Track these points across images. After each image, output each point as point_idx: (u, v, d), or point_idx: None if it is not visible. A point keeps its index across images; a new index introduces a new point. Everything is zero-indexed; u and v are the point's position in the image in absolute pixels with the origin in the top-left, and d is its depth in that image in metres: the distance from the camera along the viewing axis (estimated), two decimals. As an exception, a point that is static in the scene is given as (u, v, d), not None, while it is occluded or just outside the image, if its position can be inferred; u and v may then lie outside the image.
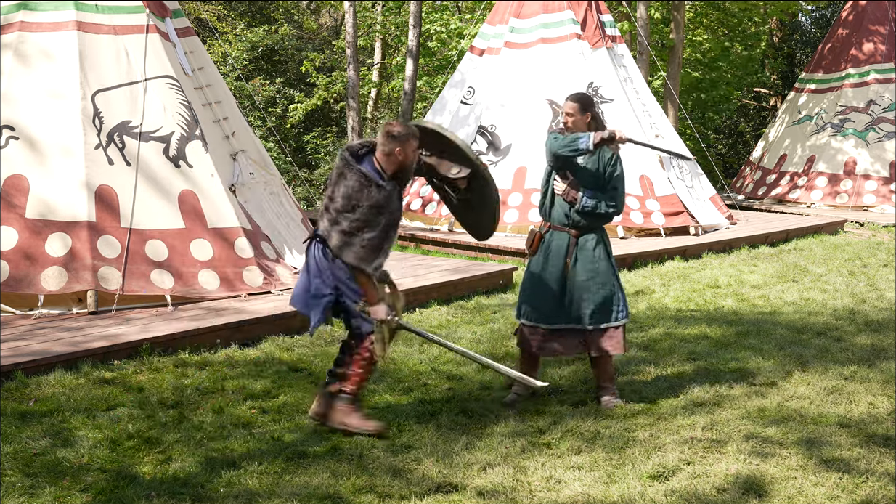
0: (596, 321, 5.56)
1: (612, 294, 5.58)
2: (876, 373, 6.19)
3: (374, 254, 4.89)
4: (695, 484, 4.37)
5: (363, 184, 4.84)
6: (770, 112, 26.56)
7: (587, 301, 5.55)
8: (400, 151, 4.95)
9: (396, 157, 4.95)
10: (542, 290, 5.60)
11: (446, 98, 14.26)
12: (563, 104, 5.65)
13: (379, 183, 4.88)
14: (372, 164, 4.96)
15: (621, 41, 13.98)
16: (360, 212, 4.83)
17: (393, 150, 4.94)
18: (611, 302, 5.58)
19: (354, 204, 4.84)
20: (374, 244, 4.87)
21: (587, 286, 5.55)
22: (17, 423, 5.16)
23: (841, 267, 10.52)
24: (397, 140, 4.93)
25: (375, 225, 4.86)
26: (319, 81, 22.34)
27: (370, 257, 4.87)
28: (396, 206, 5.00)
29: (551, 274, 5.58)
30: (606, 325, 5.58)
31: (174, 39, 8.90)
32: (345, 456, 4.74)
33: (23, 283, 7.43)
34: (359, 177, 4.84)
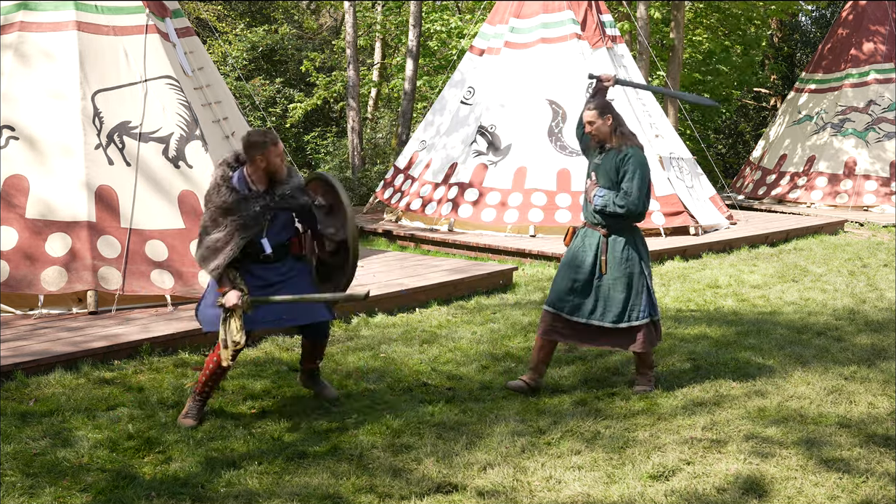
0: (614, 320, 5.70)
1: (634, 294, 5.70)
2: (876, 373, 6.19)
3: (215, 255, 4.97)
4: (695, 484, 4.37)
5: (218, 184, 5.02)
6: (770, 112, 26.57)
7: (610, 300, 5.70)
8: (261, 159, 5.04)
9: (259, 164, 5.05)
10: (569, 282, 5.75)
11: (446, 98, 14.27)
12: (583, 114, 5.78)
13: (233, 186, 5.01)
14: (242, 172, 5.10)
15: (621, 41, 13.99)
16: (208, 211, 5.01)
17: (254, 157, 5.04)
18: (632, 301, 5.70)
19: (206, 201, 5.03)
20: (215, 245, 4.97)
21: (611, 286, 5.69)
22: (17, 423, 5.16)
23: (841, 267, 10.53)
24: (257, 147, 5.03)
25: (220, 226, 4.97)
26: (319, 81, 22.34)
27: (211, 258, 4.98)
28: (252, 214, 5.02)
29: (580, 268, 5.73)
30: (626, 324, 5.71)
31: (174, 39, 8.90)
32: (345, 456, 4.74)
33: (23, 283, 7.43)
34: (215, 178, 5.04)
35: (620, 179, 5.60)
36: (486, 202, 12.43)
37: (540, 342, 5.86)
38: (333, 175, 5.12)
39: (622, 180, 5.59)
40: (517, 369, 6.35)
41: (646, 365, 5.87)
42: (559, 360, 6.60)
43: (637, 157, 5.62)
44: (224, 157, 5.15)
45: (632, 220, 5.69)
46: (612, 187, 5.63)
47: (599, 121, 5.68)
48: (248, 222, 5.03)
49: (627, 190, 5.56)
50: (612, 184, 5.64)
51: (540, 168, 12.35)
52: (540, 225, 12.11)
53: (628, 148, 5.65)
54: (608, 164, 5.65)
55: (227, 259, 4.98)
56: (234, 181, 5.05)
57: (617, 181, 5.62)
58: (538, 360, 5.84)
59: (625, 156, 5.61)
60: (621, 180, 5.60)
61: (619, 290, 5.68)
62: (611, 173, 5.64)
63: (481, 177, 12.67)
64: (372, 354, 6.72)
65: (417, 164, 13.84)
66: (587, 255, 5.72)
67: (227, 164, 5.11)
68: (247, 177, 5.10)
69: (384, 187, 14.32)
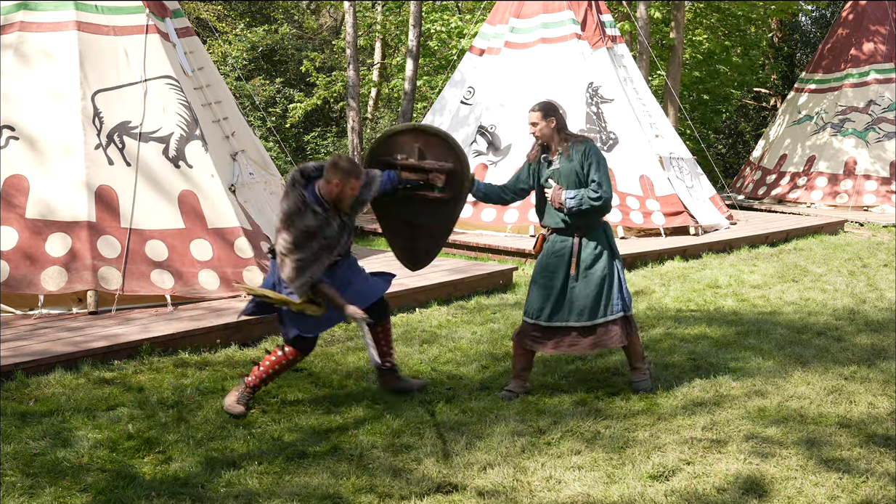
0: (589, 316, 5.65)
1: (605, 290, 5.65)
2: (876, 373, 6.19)
3: (303, 273, 5.09)
4: (695, 484, 4.37)
5: (300, 208, 5.10)
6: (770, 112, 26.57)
7: (582, 299, 5.65)
8: (338, 184, 5.16)
9: (333, 188, 5.17)
10: (545, 291, 5.69)
11: (446, 98, 14.27)
12: (528, 115, 5.73)
13: (315, 209, 5.12)
14: (314, 189, 5.19)
15: (621, 41, 13.99)
16: (291, 234, 5.09)
17: (331, 179, 5.16)
18: (603, 297, 5.65)
19: (289, 225, 5.10)
20: (302, 265, 5.09)
21: (583, 285, 5.65)
22: (17, 423, 5.16)
23: (841, 267, 10.52)
24: (340, 172, 5.15)
25: (307, 248, 5.10)
26: (319, 81, 22.35)
27: (299, 276, 5.10)
28: (333, 233, 5.21)
29: (554, 276, 5.68)
30: (602, 319, 5.66)
31: (174, 39, 8.90)
32: (345, 456, 4.74)
33: (23, 283, 7.43)
34: (298, 199, 5.10)
35: (587, 173, 5.58)
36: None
37: (518, 350, 5.82)
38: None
39: (589, 173, 5.58)
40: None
41: (637, 357, 5.86)
42: (559, 360, 6.60)
43: (595, 148, 5.65)
44: (291, 175, 5.20)
45: (603, 212, 5.65)
46: (580, 185, 5.60)
47: (543, 122, 5.66)
48: (332, 242, 5.23)
49: (599, 181, 5.55)
50: (580, 183, 5.60)
51: (540, 168, 12.35)
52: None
53: (583, 143, 5.65)
54: (569, 166, 5.61)
55: (317, 277, 5.14)
56: (311, 200, 5.14)
57: (584, 177, 5.59)
58: (520, 367, 5.81)
59: (585, 150, 5.61)
60: (588, 174, 5.58)
61: (593, 287, 5.64)
62: (577, 172, 5.60)
63: (481, 177, 12.65)
64: (372, 354, 6.71)
65: (417, 164, 13.83)
66: (560, 261, 5.68)
67: (297, 182, 5.18)
68: (318, 193, 5.20)
69: (384, 187, 14.30)
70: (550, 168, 5.69)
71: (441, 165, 5.59)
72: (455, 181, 5.64)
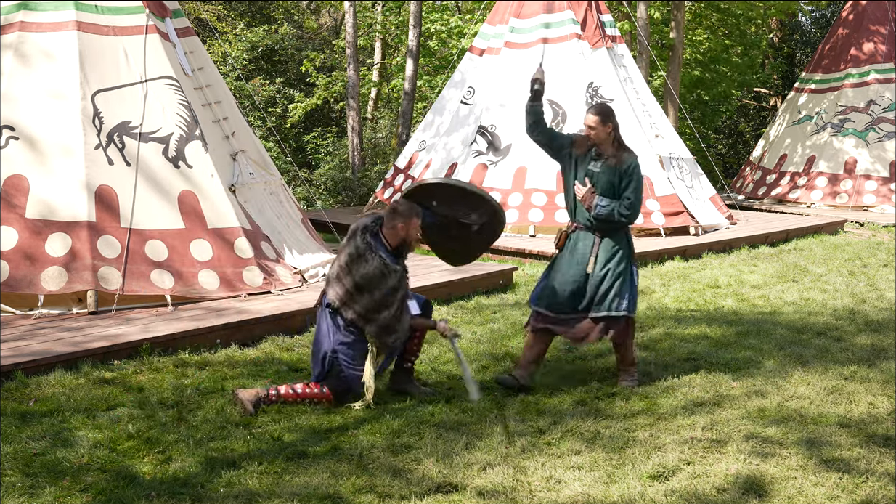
0: (597, 310, 5.84)
1: (618, 286, 5.83)
2: (876, 373, 6.19)
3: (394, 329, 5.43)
4: (695, 484, 4.37)
5: (384, 272, 5.36)
6: (770, 112, 26.57)
7: (598, 292, 5.83)
8: (402, 228, 5.49)
9: (399, 232, 5.49)
10: (563, 285, 5.88)
11: (446, 98, 14.27)
12: (585, 117, 5.86)
13: (395, 268, 5.41)
14: (382, 243, 5.48)
15: (621, 41, 13.99)
16: (378, 294, 5.36)
17: (396, 225, 5.48)
18: (613, 292, 5.82)
19: (374, 288, 5.35)
20: (392, 322, 5.41)
21: (598, 279, 5.83)
22: (17, 423, 5.16)
23: (841, 267, 10.52)
24: (401, 217, 5.48)
25: (392, 304, 5.40)
26: (319, 81, 22.34)
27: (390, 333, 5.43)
28: (406, 282, 5.53)
29: (574, 271, 5.86)
30: (616, 312, 5.83)
31: (174, 39, 8.90)
32: (345, 456, 4.74)
33: (23, 283, 7.43)
34: (381, 265, 5.35)
35: (623, 188, 5.75)
36: (486, 202, 12.40)
37: (532, 339, 5.98)
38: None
39: (625, 189, 5.75)
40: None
41: (627, 361, 6.00)
42: (559, 360, 6.60)
43: (638, 168, 5.82)
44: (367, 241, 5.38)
45: (627, 225, 5.89)
46: (612, 195, 5.77)
47: (601, 127, 5.78)
48: (407, 291, 5.55)
49: (633, 200, 5.75)
50: (614, 191, 5.77)
51: (540, 168, 12.34)
52: (540, 225, 12.10)
53: (630, 159, 5.82)
54: (609, 174, 5.77)
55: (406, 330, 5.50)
56: (389, 260, 5.40)
57: (619, 190, 5.76)
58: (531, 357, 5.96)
59: (629, 167, 5.77)
60: (624, 189, 5.75)
61: (608, 282, 5.81)
62: (613, 182, 5.76)
63: (481, 177, 12.66)
64: (372, 354, 6.71)
65: (417, 164, 13.84)
66: (581, 257, 5.85)
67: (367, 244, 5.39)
68: (385, 241, 5.50)
69: (384, 187, 14.32)
70: (590, 167, 5.83)
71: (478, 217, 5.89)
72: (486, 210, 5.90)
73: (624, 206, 5.73)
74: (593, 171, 5.81)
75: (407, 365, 5.84)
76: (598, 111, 5.82)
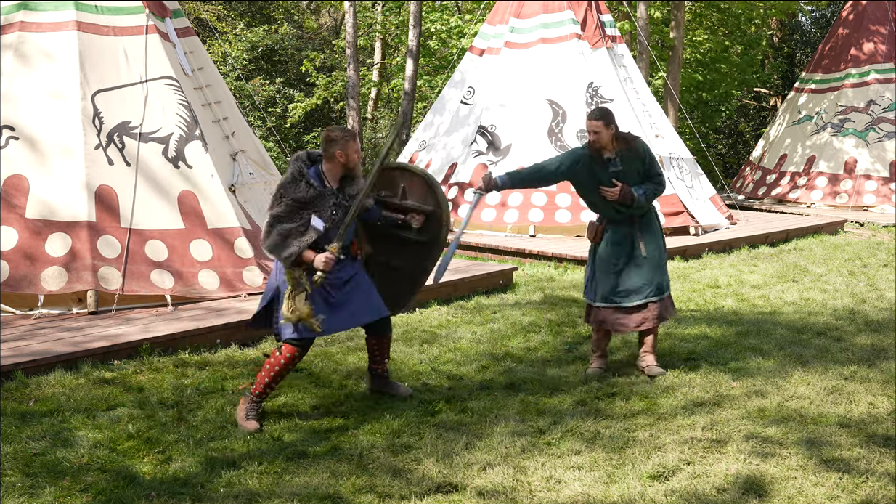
0: (656, 293, 6.19)
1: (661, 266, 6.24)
2: (876, 373, 6.19)
3: (288, 243, 5.05)
4: (695, 484, 4.37)
5: (296, 178, 5.14)
6: (770, 112, 26.56)
7: (646, 277, 6.16)
8: (341, 154, 5.23)
9: (338, 159, 5.24)
10: (611, 275, 6.21)
11: (446, 98, 14.27)
12: (588, 123, 6.09)
13: (311, 181, 5.15)
14: (317, 169, 5.26)
15: (621, 41, 13.99)
16: (282, 203, 5.10)
17: (334, 153, 5.22)
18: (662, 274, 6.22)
19: (281, 194, 5.11)
20: (289, 234, 5.05)
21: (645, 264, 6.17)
22: (17, 423, 5.16)
23: (841, 267, 10.52)
24: (337, 143, 5.22)
25: (295, 218, 5.08)
26: (319, 81, 22.34)
27: (283, 245, 5.05)
28: (328, 208, 5.17)
29: (618, 261, 6.19)
30: (657, 298, 6.19)
31: (174, 39, 8.90)
32: (345, 456, 4.74)
33: (23, 283, 7.43)
34: (293, 171, 5.15)
35: (648, 169, 6.14)
36: (486, 202, 12.43)
37: (598, 333, 6.35)
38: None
39: (650, 169, 6.14)
40: (517, 369, 6.35)
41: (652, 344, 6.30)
42: (559, 360, 6.60)
43: (647, 146, 6.22)
44: (297, 154, 5.30)
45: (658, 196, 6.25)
46: (640, 182, 6.12)
47: (605, 130, 6.01)
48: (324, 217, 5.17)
49: (660, 173, 6.18)
50: (641, 179, 6.13)
51: (540, 168, 12.35)
52: (540, 225, 12.11)
53: (639, 143, 6.17)
54: (631, 166, 6.09)
55: (303, 248, 5.08)
56: (310, 176, 5.19)
57: (644, 173, 6.13)
58: (604, 346, 6.38)
59: (641, 150, 6.14)
60: (649, 169, 6.14)
61: (653, 266, 6.18)
62: (638, 170, 6.11)
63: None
64: (372, 354, 6.71)
65: (417, 164, 13.84)
66: (621, 247, 6.19)
67: (301, 160, 5.25)
68: (322, 173, 5.26)
69: (384, 187, 14.30)
70: (611, 170, 6.09)
71: (420, 206, 5.60)
72: (433, 225, 5.62)
73: (655, 183, 6.13)
74: (617, 171, 6.08)
75: (377, 369, 5.75)
76: (600, 115, 6.03)
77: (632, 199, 6.03)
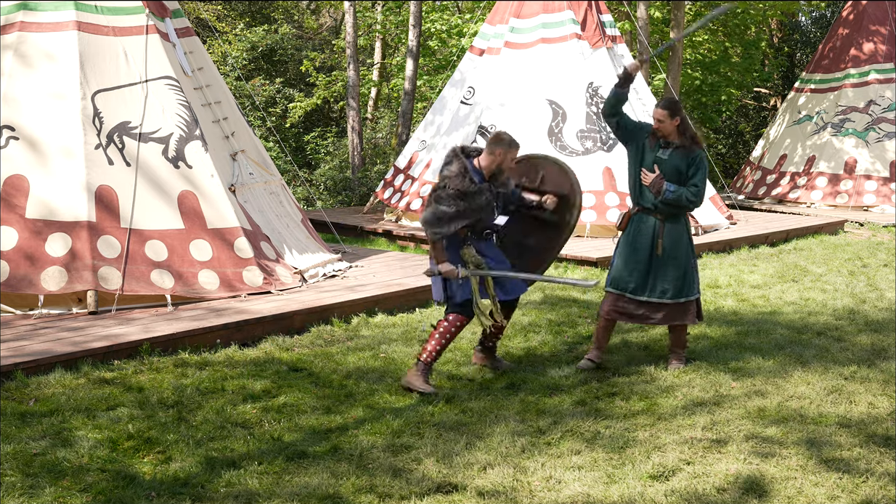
0: (673, 296, 6.25)
1: (687, 271, 6.27)
2: (876, 373, 6.19)
3: (440, 224, 5.75)
4: (695, 484, 4.37)
5: (462, 173, 5.80)
6: (770, 112, 26.57)
7: (668, 278, 6.23)
8: (500, 153, 5.88)
9: (497, 157, 5.89)
10: (632, 264, 6.28)
11: (446, 98, 14.26)
12: (654, 111, 6.29)
13: (472, 178, 5.81)
14: (472, 163, 5.91)
15: (621, 41, 13.98)
16: (448, 190, 5.77)
17: (495, 150, 5.87)
18: (685, 278, 6.27)
19: (447, 185, 5.76)
20: (444, 216, 5.74)
21: (668, 264, 6.23)
22: (17, 423, 5.16)
23: (841, 267, 10.52)
24: (502, 144, 5.89)
25: (454, 205, 5.75)
26: (319, 81, 22.33)
27: (437, 224, 5.75)
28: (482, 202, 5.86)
29: (640, 251, 6.27)
30: (685, 299, 6.26)
31: (174, 40, 8.90)
32: (345, 456, 4.74)
33: (23, 283, 7.43)
34: (459, 167, 5.82)
35: (691, 176, 6.18)
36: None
37: (603, 322, 6.40)
38: None
39: (692, 177, 6.18)
40: (517, 369, 6.35)
41: (680, 344, 6.41)
42: (559, 360, 6.60)
43: (704, 159, 6.27)
44: (454, 149, 5.96)
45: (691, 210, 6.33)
46: (677, 182, 6.17)
47: (668, 121, 6.18)
48: (476, 209, 5.85)
49: (700, 188, 6.19)
50: (680, 178, 6.18)
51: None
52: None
53: (699, 150, 6.26)
54: (677, 161, 6.19)
55: (450, 232, 5.78)
56: (472, 172, 5.85)
57: (686, 177, 6.18)
58: (603, 338, 6.43)
59: (696, 156, 6.22)
60: (692, 177, 6.18)
61: (675, 267, 6.23)
62: (681, 169, 6.18)
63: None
64: (372, 354, 6.72)
65: (418, 163, 13.84)
66: (645, 238, 6.26)
67: (456, 154, 5.91)
68: (478, 166, 5.91)
69: (384, 187, 14.32)
70: (658, 154, 6.22)
71: (555, 190, 6.25)
72: (565, 206, 6.25)
73: (691, 192, 6.15)
74: (661, 158, 6.21)
75: (489, 344, 6.35)
76: (666, 105, 6.22)
77: (659, 190, 6.13)
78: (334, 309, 7.77)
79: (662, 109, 6.19)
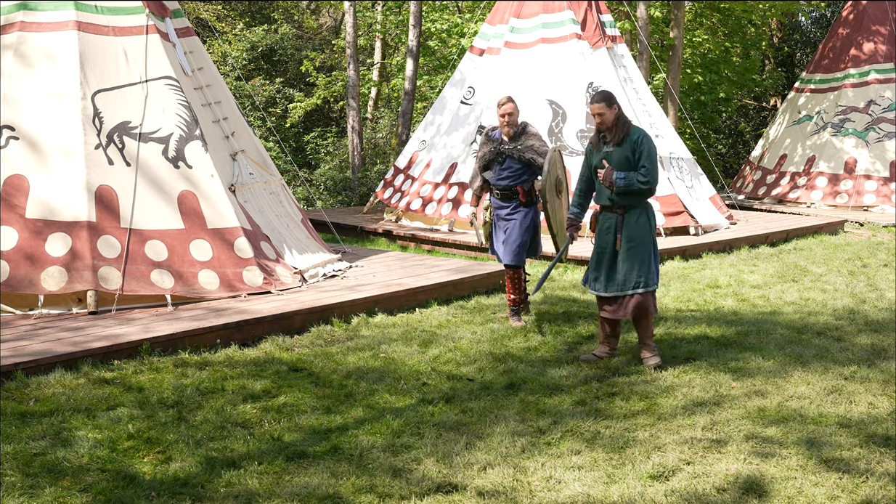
0: (634, 286, 6.31)
1: (645, 261, 6.30)
2: (876, 373, 6.19)
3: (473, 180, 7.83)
4: (695, 484, 4.37)
5: (484, 142, 7.66)
6: (770, 112, 26.57)
7: (627, 268, 6.31)
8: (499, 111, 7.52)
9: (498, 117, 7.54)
10: (599, 262, 6.44)
11: (446, 98, 14.27)
12: (590, 107, 6.33)
13: (489, 136, 7.61)
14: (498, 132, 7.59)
15: (621, 41, 13.98)
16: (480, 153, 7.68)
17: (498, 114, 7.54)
18: (642, 268, 6.29)
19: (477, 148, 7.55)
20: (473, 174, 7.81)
21: (626, 254, 6.31)
22: (17, 423, 5.16)
23: (841, 267, 10.52)
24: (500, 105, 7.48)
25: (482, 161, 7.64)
26: (319, 81, 22.34)
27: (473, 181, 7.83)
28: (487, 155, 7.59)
29: (605, 248, 6.41)
30: (643, 290, 6.30)
31: (174, 39, 8.90)
32: (345, 456, 4.74)
33: (23, 283, 7.44)
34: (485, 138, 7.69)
35: (638, 159, 6.23)
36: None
37: (599, 321, 6.62)
38: None
39: (639, 160, 6.23)
40: (517, 369, 6.35)
41: (648, 335, 6.43)
42: (559, 360, 6.60)
43: (647, 137, 6.30)
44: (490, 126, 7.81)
45: (647, 195, 6.33)
46: (630, 169, 6.24)
47: (608, 111, 6.26)
48: (485, 162, 7.62)
49: (648, 167, 6.21)
50: (630, 167, 6.25)
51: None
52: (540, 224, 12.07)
53: (636, 131, 6.31)
54: (623, 151, 6.26)
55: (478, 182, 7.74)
56: (493, 134, 7.59)
57: (635, 162, 6.23)
58: (604, 334, 6.58)
59: (637, 138, 6.27)
60: (639, 160, 6.23)
61: (637, 259, 6.29)
62: (629, 157, 6.24)
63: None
64: (372, 354, 6.72)
65: (418, 163, 13.84)
66: (606, 235, 6.38)
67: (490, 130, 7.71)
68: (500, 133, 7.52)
69: (384, 187, 14.32)
70: (604, 150, 6.35)
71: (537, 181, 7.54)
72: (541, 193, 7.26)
73: (641, 175, 6.19)
74: (607, 152, 6.32)
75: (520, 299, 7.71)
76: (601, 98, 6.26)
77: (612, 181, 6.22)
78: (334, 309, 7.77)
79: (599, 102, 6.25)
